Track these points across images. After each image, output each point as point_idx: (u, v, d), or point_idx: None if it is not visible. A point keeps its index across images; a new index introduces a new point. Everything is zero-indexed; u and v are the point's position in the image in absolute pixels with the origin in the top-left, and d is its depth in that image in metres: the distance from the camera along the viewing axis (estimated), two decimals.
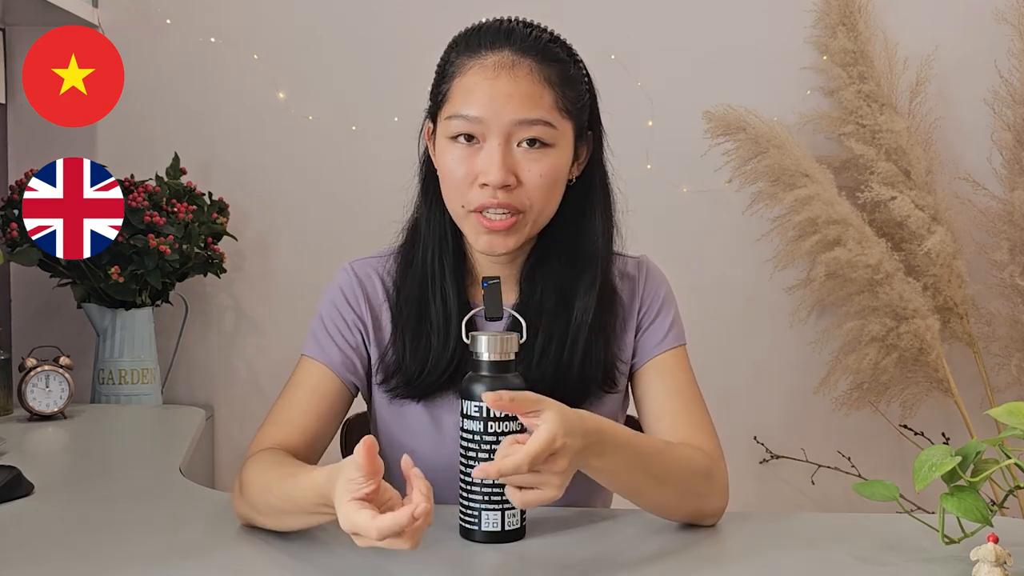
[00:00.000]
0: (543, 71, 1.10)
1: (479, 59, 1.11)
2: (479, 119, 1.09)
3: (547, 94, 1.10)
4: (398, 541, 0.83)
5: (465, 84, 1.11)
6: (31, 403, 1.73)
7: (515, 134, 1.09)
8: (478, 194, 1.10)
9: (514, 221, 1.11)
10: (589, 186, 1.19)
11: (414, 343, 1.17)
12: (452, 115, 1.11)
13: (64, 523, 1.13)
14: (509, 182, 1.09)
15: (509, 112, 1.08)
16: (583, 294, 1.17)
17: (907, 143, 2.10)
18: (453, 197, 1.13)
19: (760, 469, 2.30)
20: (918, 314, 2.04)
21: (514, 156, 1.10)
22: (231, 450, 2.26)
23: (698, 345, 1.41)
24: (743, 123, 2.09)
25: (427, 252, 1.19)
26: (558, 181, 1.13)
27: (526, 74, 1.10)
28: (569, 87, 1.13)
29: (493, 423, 0.99)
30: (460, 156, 1.11)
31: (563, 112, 1.12)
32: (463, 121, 1.10)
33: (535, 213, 1.12)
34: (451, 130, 1.11)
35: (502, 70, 1.09)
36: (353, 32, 2.23)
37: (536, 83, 1.10)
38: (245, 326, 2.28)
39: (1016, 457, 0.95)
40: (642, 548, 1.04)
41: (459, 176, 1.11)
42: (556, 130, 1.11)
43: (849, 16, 2.15)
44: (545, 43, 1.12)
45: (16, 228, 1.89)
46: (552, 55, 1.12)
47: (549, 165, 1.11)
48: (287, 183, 2.25)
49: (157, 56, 2.21)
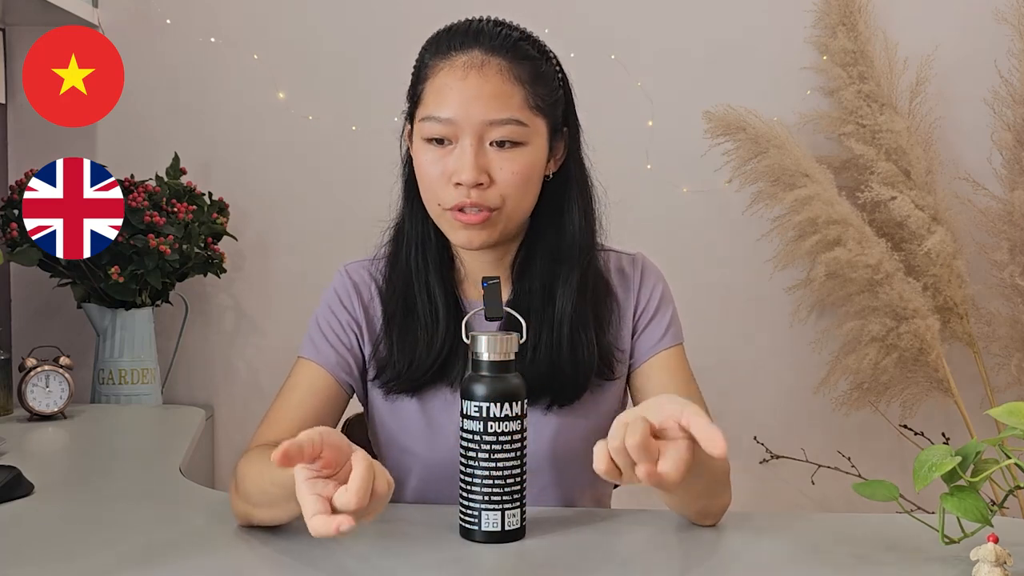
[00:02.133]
0: (513, 70, 1.11)
1: (449, 60, 1.12)
2: (450, 120, 1.10)
3: (517, 92, 1.11)
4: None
5: (436, 85, 1.12)
6: (31, 403, 1.73)
7: (487, 134, 1.11)
8: (453, 193, 1.12)
9: (488, 216, 1.12)
10: (566, 181, 1.20)
11: (402, 337, 1.18)
12: (425, 117, 1.13)
13: (64, 523, 1.13)
14: (482, 180, 1.10)
15: (479, 112, 1.10)
16: (564, 287, 1.18)
17: (907, 143, 2.10)
18: (430, 197, 1.15)
19: (760, 469, 2.30)
20: (918, 314, 2.04)
21: (487, 155, 1.11)
22: (231, 450, 2.26)
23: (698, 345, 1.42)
24: (743, 123, 2.09)
25: (410, 249, 1.21)
26: (531, 178, 1.14)
27: (495, 73, 1.11)
28: (540, 84, 1.13)
29: (493, 423, 0.99)
30: (434, 157, 1.13)
31: (534, 110, 1.13)
32: (435, 123, 1.11)
33: (509, 209, 1.13)
34: (425, 132, 1.13)
35: (471, 70, 1.11)
36: (353, 32, 2.23)
37: (506, 82, 1.11)
38: (245, 326, 2.28)
39: (1016, 457, 0.95)
40: (642, 548, 1.04)
41: (434, 176, 1.13)
42: (528, 128, 1.12)
43: (849, 16, 2.15)
44: (515, 41, 1.13)
45: (16, 228, 1.89)
46: (522, 53, 1.13)
47: (521, 163, 1.12)
48: (287, 183, 2.25)
49: (157, 56, 2.21)
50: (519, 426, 1.00)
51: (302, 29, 2.23)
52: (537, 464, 1.16)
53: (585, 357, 1.17)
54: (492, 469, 0.99)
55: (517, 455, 1.01)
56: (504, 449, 0.99)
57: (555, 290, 1.18)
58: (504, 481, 1.00)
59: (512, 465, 1.00)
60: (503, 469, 1.00)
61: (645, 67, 2.23)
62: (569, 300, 1.17)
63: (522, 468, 1.01)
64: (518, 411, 1.00)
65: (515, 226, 1.17)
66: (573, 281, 1.17)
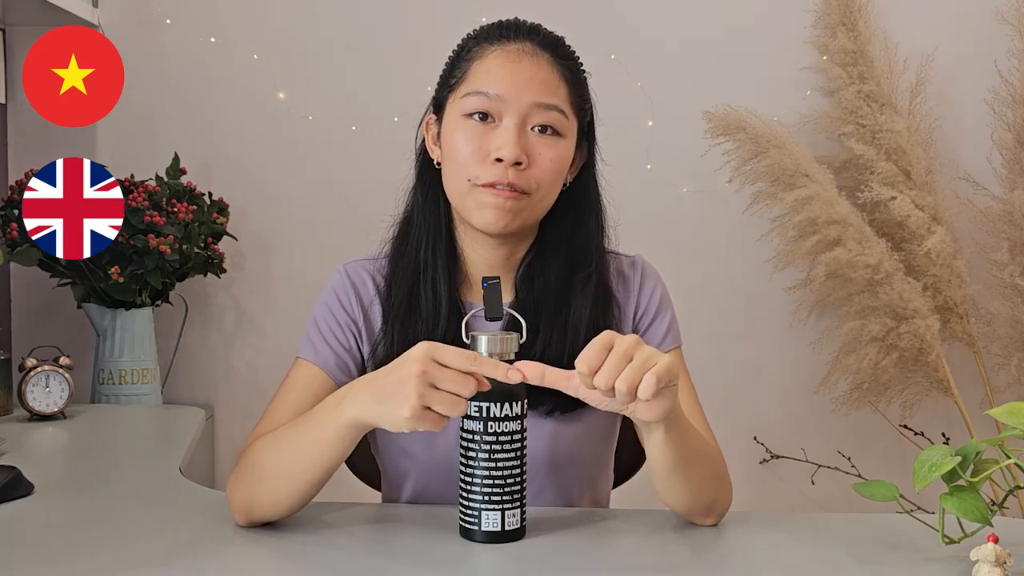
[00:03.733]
0: (560, 66, 1.15)
1: (502, 45, 1.15)
2: (499, 96, 1.11)
3: (563, 86, 1.14)
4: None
5: (486, 64, 1.14)
6: (31, 403, 1.73)
7: (531, 117, 1.12)
8: (490, 170, 1.11)
9: (519, 198, 1.12)
10: (584, 191, 1.21)
11: (403, 334, 1.17)
12: (470, 92, 1.13)
13: (64, 523, 1.13)
14: (522, 160, 1.11)
15: (529, 94, 1.11)
16: (580, 292, 1.18)
17: (907, 143, 2.10)
18: (459, 172, 1.14)
19: (760, 469, 2.30)
20: (918, 314, 2.04)
21: (528, 138, 1.12)
22: (231, 450, 2.26)
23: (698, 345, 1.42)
24: (743, 123, 2.10)
25: (420, 243, 1.20)
26: (562, 172, 1.16)
27: (547, 64, 1.14)
28: (579, 88, 1.17)
29: (493, 423, 0.99)
30: (473, 133, 1.13)
31: (573, 107, 1.16)
32: (482, 98, 1.12)
33: (539, 198, 1.14)
34: (467, 107, 1.13)
35: (524, 56, 1.13)
36: (353, 32, 2.23)
37: (555, 74, 1.14)
38: (245, 326, 2.28)
39: (1016, 457, 0.95)
40: (642, 548, 1.04)
41: (468, 152, 1.12)
42: (567, 121, 1.14)
43: (849, 16, 2.15)
44: (561, 41, 1.18)
45: (16, 228, 1.90)
46: (568, 53, 1.17)
47: (558, 152, 1.13)
48: (287, 183, 2.25)
49: (157, 56, 2.21)
50: (519, 426, 1.00)
51: (302, 29, 2.23)
52: (535, 466, 1.16)
53: None
54: (492, 469, 0.99)
55: (517, 455, 1.01)
56: (504, 449, 0.99)
57: (570, 298, 1.18)
58: (504, 481, 1.00)
59: (512, 465, 1.00)
60: (503, 469, 1.00)
61: (645, 67, 2.23)
62: (586, 308, 1.17)
63: (522, 468, 1.01)
64: (518, 411, 1.00)
65: (534, 219, 1.17)
66: (589, 289, 1.18)
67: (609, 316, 1.20)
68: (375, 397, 0.94)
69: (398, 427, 0.93)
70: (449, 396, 0.91)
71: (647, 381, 0.88)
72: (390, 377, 0.93)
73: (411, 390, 0.90)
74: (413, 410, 0.90)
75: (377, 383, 0.95)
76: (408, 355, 0.93)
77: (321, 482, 1.04)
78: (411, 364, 0.91)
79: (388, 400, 0.92)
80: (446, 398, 0.91)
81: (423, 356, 0.91)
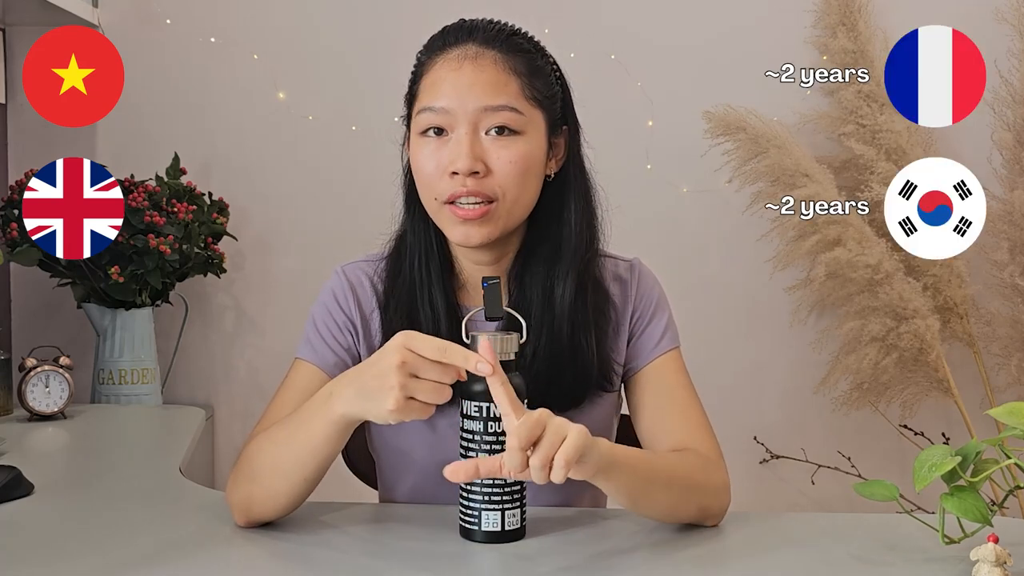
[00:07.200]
0: (507, 61, 1.12)
1: (444, 54, 1.13)
2: (445, 109, 1.10)
3: (513, 82, 1.12)
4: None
5: (431, 78, 1.13)
6: (31, 403, 1.73)
7: (482, 122, 1.10)
8: (448, 184, 1.11)
9: (486, 210, 1.11)
10: (565, 182, 1.19)
11: None
12: (422, 109, 1.13)
13: (64, 523, 1.13)
14: (477, 168, 1.09)
15: (474, 99, 1.10)
16: (563, 289, 1.16)
17: (907, 143, 2.10)
18: (426, 191, 1.14)
19: (760, 469, 2.30)
20: (918, 314, 2.04)
21: (482, 144, 1.11)
22: (231, 450, 2.26)
23: (697, 346, 1.41)
24: (743, 123, 2.09)
25: (414, 260, 1.19)
26: (529, 170, 1.13)
27: (490, 63, 1.11)
28: (537, 77, 1.14)
29: (493, 423, 0.99)
30: (431, 150, 1.12)
31: (531, 100, 1.13)
32: (430, 114, 1.11)
33: (508, 202, 1.12)
34: (421, 125, 1.13)
35: (465, 60, 1.11)
36: (353, 32, 2.23)
37: (501, 72, 1.11)
38: (245, 326, 2.28)
39: (1016, 457, 0.95)
40: (642, 548, 1.04)
41: (430, 169, 1.12)
42: (524, 117, 1.12)
43: (849, 16, 2.15)
44: (508, 35, 1.14)
45: (16, 228, 1.90)
46: (515, 46, 1.14)
47: (518, 152, 1.11)
48: (287, 183, 2.25)
49: (157, 56, 2.21)
50: None
51: (302, 29, 2.23)
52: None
53: (586, 364, 1.16)
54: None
55: None
56: (504, 449, 0.99)
57: (553, 293, 1.16)
58: (504, 481, 1.00)
59: None
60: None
61: (645, 67, 2.23)
62: (567, 301, 1.15)
63: None
64: None
65: (515, 222, 1.16)
66: (570, 283, 1.16)
67: (603, 320, 1.19)
68: (359, 392, 0.95)
69: (384, 419, 0.93)
70: (431, 384, 0.92)
71: (558, 466, 0.89)
72: (371, 371, 0.94)
73: (393, 381, 0.90)
74: (397, 402, 0.90)
75: (360, 378, 0.95)
76: (386, 347, 0.93)
77: (317, 478, 1.04)
78: (390, 355, 0.92)
79: (372, 394, 0.93)
80: (428, 386, 0.91)
81: (400, 346, 0.92)
